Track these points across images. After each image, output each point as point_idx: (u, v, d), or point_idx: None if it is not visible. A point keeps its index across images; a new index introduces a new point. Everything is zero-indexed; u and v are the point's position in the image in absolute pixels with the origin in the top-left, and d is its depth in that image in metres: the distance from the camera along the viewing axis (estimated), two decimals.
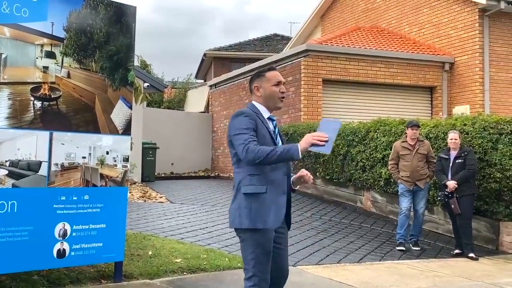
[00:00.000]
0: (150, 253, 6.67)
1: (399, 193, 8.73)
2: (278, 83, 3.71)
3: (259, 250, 3.47)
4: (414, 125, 8.58)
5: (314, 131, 11.00)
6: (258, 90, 3.71)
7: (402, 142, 8.72)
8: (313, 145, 3.32)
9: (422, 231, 8.89)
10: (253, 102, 3.75)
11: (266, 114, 3.70)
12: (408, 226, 8.62)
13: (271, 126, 3.68)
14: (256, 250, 3.47)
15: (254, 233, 3.47)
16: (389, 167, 8.97)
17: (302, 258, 7.30)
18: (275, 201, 3.51)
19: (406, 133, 8.80)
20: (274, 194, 3.51)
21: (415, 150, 8.49)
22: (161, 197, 12.50)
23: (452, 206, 8.05)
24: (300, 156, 3.35)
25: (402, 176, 8.55)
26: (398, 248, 8.32)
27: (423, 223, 8.97)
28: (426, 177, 8.52)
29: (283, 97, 3.73)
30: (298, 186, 3.73)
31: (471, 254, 7.96)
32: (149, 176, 16.06)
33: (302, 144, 3.34)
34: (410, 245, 8.50)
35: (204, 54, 29.29)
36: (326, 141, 3.33)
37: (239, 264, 6.61)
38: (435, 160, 8.53)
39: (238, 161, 3.57)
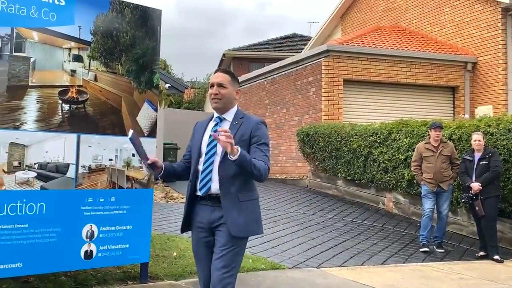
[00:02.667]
0: (174, 254, 6.70)
1: (422, 194, 8.67)
2: (211, 86, 3.61)
3: None
4: (437, 126, 8.51)
5: (336, 132, 10.82)
6: None
7: (425, 143, 8.65)
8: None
9: (445, 233, 8.82)
10: None
11: (215, 115, 3.69)
12: (432, 228, 8.56)
13: (209, 129, 3.64)
14: None
15: None
16: (412, 169, 8.92)
17: (326, 260, 7.28)
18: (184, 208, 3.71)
19: (429, 134, 8.73)
20: (185, 201, 3.70)
21: (438, 151, 8.42)
22: (183, 198, 12.54)
23: (477, 208, 7.98)
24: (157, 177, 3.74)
25: (425, 178, 8.49)
26: (421, 249, 8.27)
27: (447, 225, 8.90)
28: (450, 178, 8.45)
29: (213, 99, 3.58)
30: (231, 155, 3.26)
31: (496, 257, 7.88)
32: None
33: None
34: (434, 247, 8.44)
35: (223, 55, 29.36)
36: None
37: (262, 266, 6.63)
38: (458, 162, 8.45)
39: None
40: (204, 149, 3.58)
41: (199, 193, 3.55)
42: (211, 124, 3.66)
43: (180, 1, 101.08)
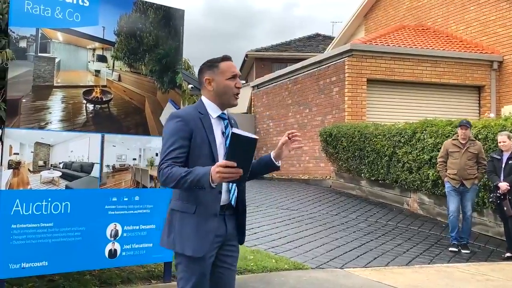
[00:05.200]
0: None
1: (446, 192, 8.61)
2: (234, 76, 3.11)
3: (189, 275, 3.01)
4: (463, 124, 8.43)
5: (359, 132, 10.68)
6: (210, 84, 3.11)
7: (453, 139, 8.58)
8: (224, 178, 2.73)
9: (471, 234, 8.70)
10: (202, 98, 3.17)
11: (215, 112, 3.11)
12: (459, 227, 8.48)
13: (219, 128, 3.10)
14: (186, 275, 3.02)
15: (184, 257, 3.01)
16: (438, 165, 8.86)
17: (349, 261, 7.23)
18: (201, 225, 2.97)
19: (457, 133, 8.67)
20: (202, 217, 2.97)
21: (465, 148, 8.32)
22: None
23: (505, 208, 7.86)
24: (214, 186, 2.77)
25: (449, 174, 8.42)
26: (450, 249, 8.29)
27: (472, 226, 8.79)
28: (474, 178, 8.33)
29: (238, 94, 3.14)
30: (280, 159, 3.11)
31: None
32: None
33: (213, 176, 2.71)
34: (460, 247, 8.34)
35: (246, 55, 29.36)
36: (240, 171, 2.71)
37: (286, 266, 6.61)
38: (485, 162, 8.33)
39: None
40: (221, 152, 3.04)
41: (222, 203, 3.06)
42: (218, 121, 3.11)
43: (209, 3, 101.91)
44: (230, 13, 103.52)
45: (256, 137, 2.72)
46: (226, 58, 3.16)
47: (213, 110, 3.11)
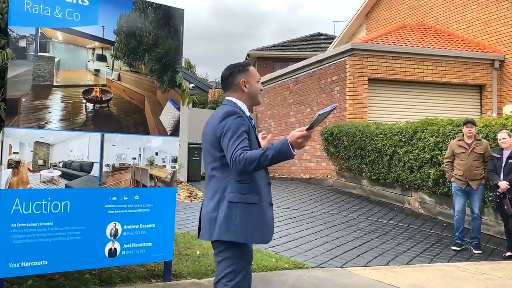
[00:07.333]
0: (198, 252, 6.72)
1: (452, 192, 8.62)
2: (259, 80, 3.54)
3: (242, 267, 3.28)
4: (468, 122, 8.45)
5: (361, 131, 10.65)
6: (245, 86, 3.43)
7: (459, 140, 8.56)
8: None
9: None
10: (233, 99, 3.44)
11: (247, 112, 3.44)
12: (464, 228, 8.47)
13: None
14: (238, 267, 3.27)
15: (238, 249, 3.24)
16: (444, 165, 8.86)
17: (350, 260, 7.23)
18: (265, 214, 3.27)
19: (463, 132, 8.65)
20: (264, 207, 3.26)
21: (471, 148, 8.30)
22: None
23: (505, 207, 7.85)
24: (294, 153, 3.07)
25: (455, 175, 8.41)
26: (452, 247, 8.31)
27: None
28: (481, 178, 8.29)
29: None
30: None
31: None
32: (194, 176, 16.18)
33: (295, 144, 3.05)
34: (472, 248, 8.34)
35: (248, 55, 29.37)
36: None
37: (286, 265, 6.61)
38: None
39: (224, 165, 3.24)
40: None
41: None
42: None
43: (215, 3, 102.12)
44: (236, 14, 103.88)
45: (335, 104, 3.24)
46: (250, 64, 3.57)
47: (245, 110, 3.42)
